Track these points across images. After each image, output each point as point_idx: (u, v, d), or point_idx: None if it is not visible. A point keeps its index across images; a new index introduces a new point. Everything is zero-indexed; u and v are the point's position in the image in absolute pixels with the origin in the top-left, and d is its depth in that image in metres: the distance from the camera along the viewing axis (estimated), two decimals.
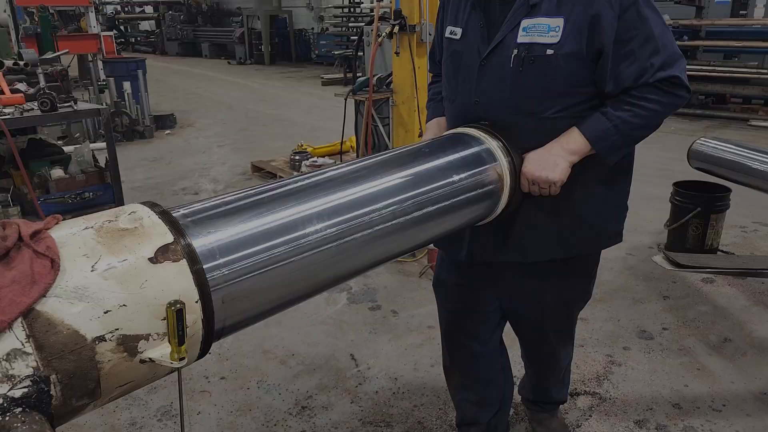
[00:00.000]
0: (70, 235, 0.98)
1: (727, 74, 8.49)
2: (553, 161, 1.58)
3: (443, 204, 1.49)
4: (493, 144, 1.60)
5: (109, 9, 23.52)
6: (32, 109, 4.03)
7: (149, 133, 8.43)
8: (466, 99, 1.72)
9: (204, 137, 8.57)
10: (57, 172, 4.25)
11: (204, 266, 1.06)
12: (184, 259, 1.03)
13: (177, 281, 1.00)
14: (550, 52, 1.53)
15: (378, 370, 2.96)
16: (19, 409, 0.81)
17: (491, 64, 1.63)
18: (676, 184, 4.06)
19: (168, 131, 8.88)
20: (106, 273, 0.94)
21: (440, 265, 2.13)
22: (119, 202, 4.29)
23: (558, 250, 1.77)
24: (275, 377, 2.93)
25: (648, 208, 5.05)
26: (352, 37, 14.47)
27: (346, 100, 4.71)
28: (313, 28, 19.26)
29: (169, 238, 1.04)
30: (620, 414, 2.56)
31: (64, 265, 0.92)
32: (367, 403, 2.71)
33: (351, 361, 3.05)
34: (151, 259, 0.99)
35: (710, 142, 3.57)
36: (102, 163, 4.70)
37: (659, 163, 6.35)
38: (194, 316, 1.02)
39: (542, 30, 1.54)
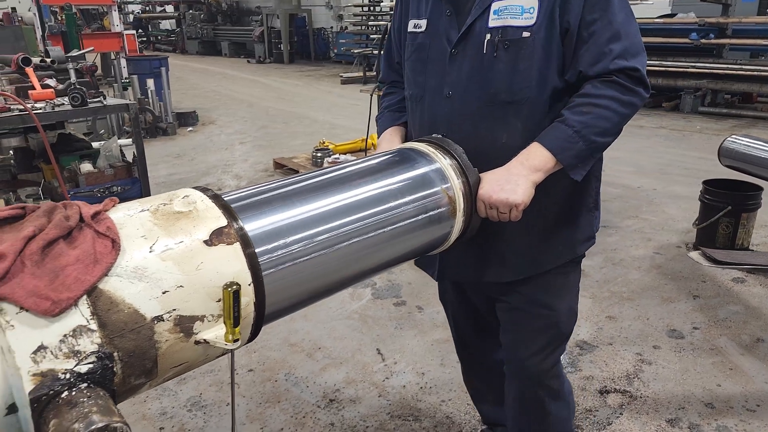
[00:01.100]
0: (128, 217, 0.99)
1: (754, 73, 8.35)
2: (514, 181, 1.38)
3: (374, 234, 1.28)
4: (444, 162, 1.41)
5: (132, 8, 23.78)
6: (63, 104, 4.09)
7: (172, 130, 8.52)
8: (436, 94, 1.57)
9: (226, 134, 8.63)
10: (86, 167, 4.31)
11: (255, 250, 1.06)
12: (238, 243, 1.04)
13: (231, 264, 1.01)
14: (526, 34, 1.41)
15: (405, 364, 2.96)
16: (85, 384, 0.82)
17: (463, 52, 1.50)
18: (706, 183, 4.01)
19: (190, 128, 8.96)
20: (164, 254, 0.96)
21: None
22: (146, 196, 4.34)
23: (530, 267, 1.64)
24: (302, 370, 2.95)
25: (675, 207, 5.00)
26: (371, 36, 14.47)
27: (372, 95, 4.72)
28: (332, 27, 19.31)
29: (223, 221, 1.05)
30: (651, 413, 2.53)
31: (124, 246, 0.93)
32: (394, 397, 2.71)
33: (377, 355, 3.05)
34: (206, 242, 1.00)
35: (741, 140, 3.51)
36: (129, 158, 4.76)
37: (685, 163, 6.27)
38: (247, 298, 1.03)
39: (515, 12, 1.42)
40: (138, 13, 23.85)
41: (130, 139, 7.46)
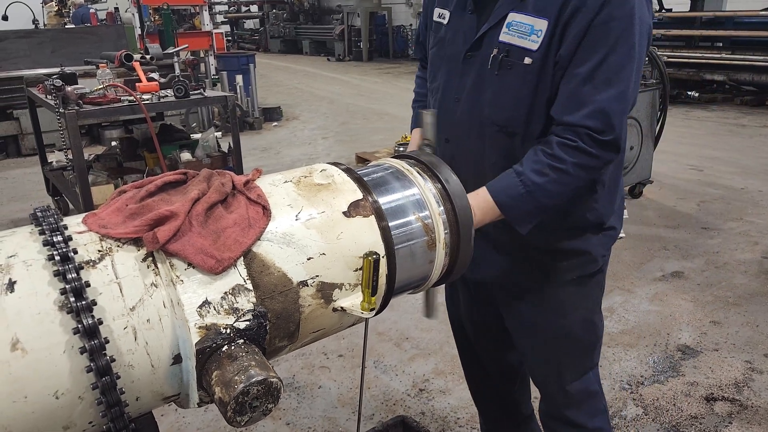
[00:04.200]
0: (273, 187, 1.03)
1: None
2: None
3: None
4: (426, 188, 1.17)
5: (219, 8, 24.80)
6: (167, 95, 4.32)
7: (258, 125, 8.82)
8: (448, 93, 1.48)
9: (309, 129, 8.84)
10: (185, 155, 4.54)
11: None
12: (373, 215, 1.06)
13: (367, 235, 1.03)
14: (528, 61, 1.28)
15: None
16: (242, 340, 0.86)
17: (475, 59, 1.39)
18: None
19: (275, 123, 9.24)
20: (308, 222, 0.99)
21: None
22: None
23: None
24: (391, 359, 2.97)
25: None
26: None
27: None
28: (411, 25, 19.35)
29: (359, 194, 1.07)
30: (765, 423, 2.37)
31: (273, 213, 0.97)
32: None
33: None
34: (345, 213, 1.03)
35: None
36: (223, 149, 4.97)
37: None
38: (381, 270, 1.04)
39: (524, 31, 1.29)
40: (232, 10, 24.90)
41: (220, 132, 7.80)
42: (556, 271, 1.52)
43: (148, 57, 5.63)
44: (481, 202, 1.30)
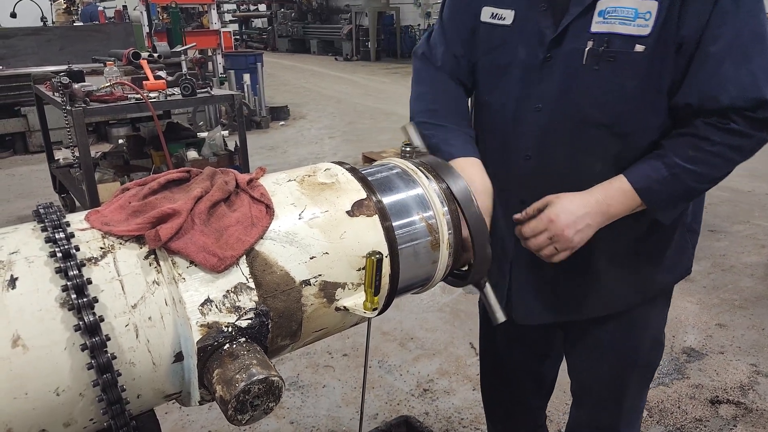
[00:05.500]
0: (277, 186, 1.03)
1: None
2: (587, 224, 1.22)
3: None
4: (430, 188, 1.14)
5: (228, 7, 24.85)
6: (173, 93, 4.34)
7: (265, 124, 8.84)
8: (522, 104, 1.32)
9: (315, 129, 8.85)
10: (192, 154, 4.55)
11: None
12: (377, 215, 1.05)
13: (370, 235, 1.03)
14: (639, 48, 1.15)
15: None
16: (243, 339, 0.86)
17: (557, 58, 1.25)
18: None
19: (282, 122, 9.26)
20: (311, 221, 0.98)
21: None
22: None
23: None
24: (395, 358, 2.97)
25: None
26: None
27: None
28: (419, 24, 19.33)
29: (363, 194, 1.07)
30: None
31: (276, 212, 0.97)
32: None
33: (471, 349, 3.02)
34: (348, 212, 1.03)
35: None
36: (230, 147, 4.99)
37: None
38: (384, 269, 1.04)
39: (626, 15, 1.15)
40: (243, 9, 24.96)
41: (227, 131, 7.82)
42: (639, 291, 1.43)
43: (155, 55, 5.66)
44: (614, 191, 1.22)
